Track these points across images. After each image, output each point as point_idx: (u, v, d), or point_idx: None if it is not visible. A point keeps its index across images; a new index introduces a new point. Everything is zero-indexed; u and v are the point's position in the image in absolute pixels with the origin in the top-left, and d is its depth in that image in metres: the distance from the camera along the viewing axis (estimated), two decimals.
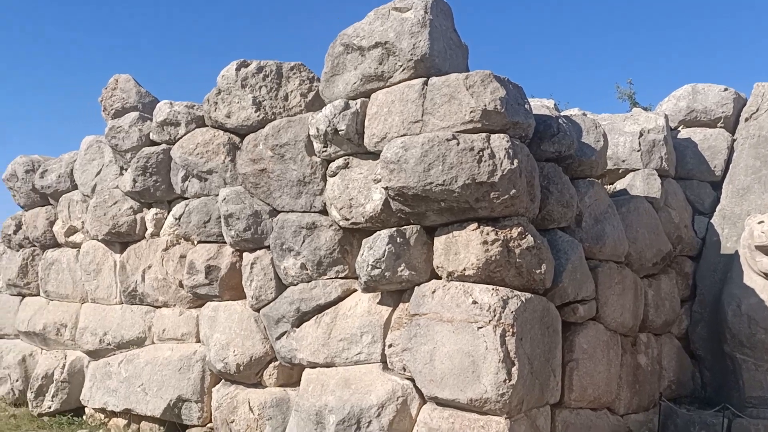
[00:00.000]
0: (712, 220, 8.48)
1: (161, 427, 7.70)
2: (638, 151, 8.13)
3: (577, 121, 7.04)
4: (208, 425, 7.39)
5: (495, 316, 5.43)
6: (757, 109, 8.57)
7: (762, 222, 7.56)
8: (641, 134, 8.18)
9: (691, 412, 7.55)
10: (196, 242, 7.74)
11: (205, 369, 7.47)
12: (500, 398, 5.33)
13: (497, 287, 5.60)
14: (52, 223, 9.61)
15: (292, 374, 6.94)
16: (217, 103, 7.36)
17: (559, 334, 6.13)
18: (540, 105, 7.12)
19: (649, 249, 7.42)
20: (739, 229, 8.02)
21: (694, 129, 8.86)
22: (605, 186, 7.83)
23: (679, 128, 8.97)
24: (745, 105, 8.75)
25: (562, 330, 6.21)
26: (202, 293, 7.48)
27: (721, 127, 8.78)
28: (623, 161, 8.24)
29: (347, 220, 6.22)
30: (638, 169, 8.12)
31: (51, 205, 9.78)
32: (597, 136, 7.05)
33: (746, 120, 8.65)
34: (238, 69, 7.18)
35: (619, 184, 8.16)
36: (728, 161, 8.63)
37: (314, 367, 6.53)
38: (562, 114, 6.89)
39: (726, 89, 8.78)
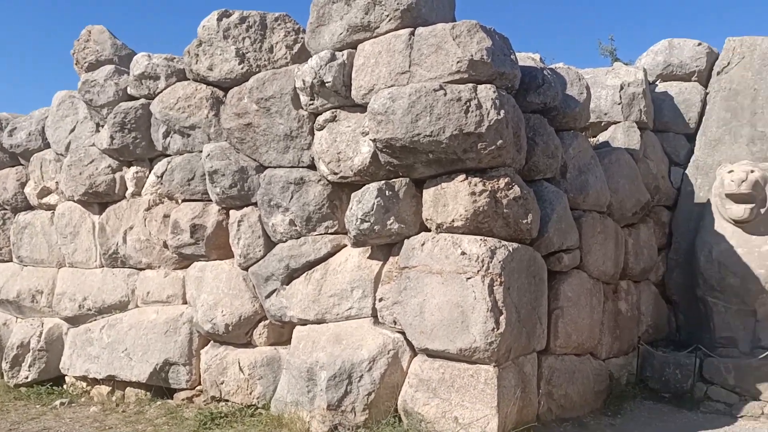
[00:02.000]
0: (686, 171, 8.41)
1: (147, 393, 7.24)
2: (619, 104, 7.97)
3: (562, 74, 6.82)
4: (197, 388, 7.00)
5: (483, 266, 5.29)
6: (728, 63, 8.44)
7: (732, 171, 7.51)
8: (622, 88, 8.01)
9: (667, 353, 7.57)
10: (180, 201, 7.32)
11: (192, 331, 7.02)
12: (489, 347, 5.22)
13: (485, 238, 5.44)
14: (23, 185, 8.89)
15: (282, 332, 6.68)
16: (198, 55, 6.92)
17: (545, 283, 6.02)
18: (526, 57, 6.87)
19: (630, 199, 7.32)
20: (711, 179, 7.96)
21: (671, 83, 8.71)
22: (589, 138, 7.69)
23: (657, 82, 8.82)
24: (718, 59, 8.60)
25: (548, 279, 6.10)
26: (188, 253, 7.13)
27: (695, 81, 8.64)
28: (605, 114, 8.07)
29: (336, 174, 5.96)
30: (619, 122, 7.98)
31: (21, 165, 9.02)
32: (581, 89, 6.86)
33: (718, 74, 8.52)
34: (219, 19, 6.74)
35: (602, 137, 8.02)
36: (702, 114, 8.51)
37: (305, 324, 6.31)
38: (547, 67, 6.66)
39: (700, 44, 8.62)
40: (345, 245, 6.21)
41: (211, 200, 7.00)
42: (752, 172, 7.46)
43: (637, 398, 7.17)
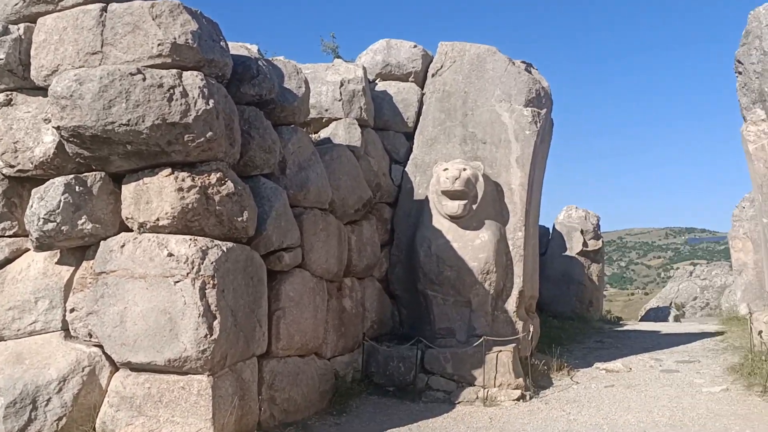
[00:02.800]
0: (406, 169, 9.02)
1: None
2: (340, 100, 8.26)
3: (279, 66, 6.86)
4: None
5: (193, 268, 5.07)
6: (442, 66, 9.24)
7: (446, 169, 8.22)
8: (342, 84, 8.32)
9: (390, 348, 8.02)
10: None
11: None
12: (201, 355, 5.03)
13: (195, 237, 5.23)
14: None
15: None
16: None
17: (265, 284, 5.98)
18: (240, 46, 6.77)
19: (352, 196, 7.61)
20: (429, 177, 8.64)
21: (390, 82, 9.29)
22: (310, 134, 7.83)
23: (377, 81, 9.34)
24: (432, 62, 9.37)
25: (268, 279, 6.08)
26: None
27: (412, 82, 9.32)
28: (326, 110, 8.32)
29: (12, 167, 5.29)
30: (340, 119, 8.28)
31: None
32: (299, 82, 6.95)
33: (433, 75, 9.29)
34: None
35: (323, 133, 8.23)
36: (419, 113, 9.21)
37: None
38: (263, 58, 6.63)
39: (415, 46, 9.32)
40: (27, 249, 5.53)
41: None
42: (464, 170, 8.21)
43: (363, 394, 7.47)
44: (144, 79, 4.98)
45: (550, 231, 16.05)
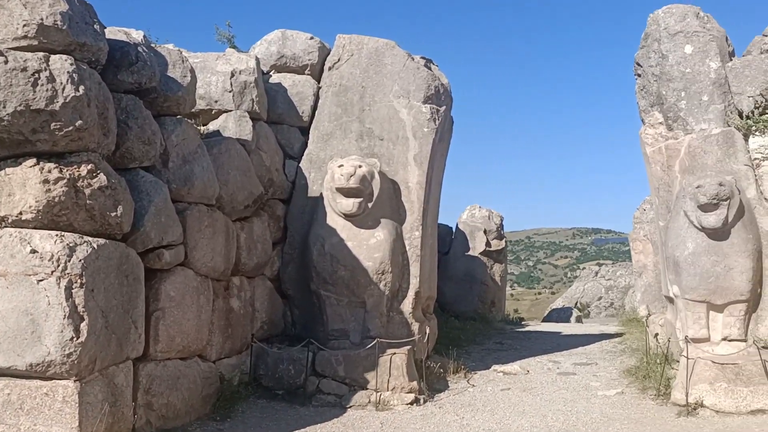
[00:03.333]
0: (300, 164, 8.99)
1: None
2: (230, 92, 8.13)
3: (163, 54, 6.69)
4: None
5: (59, 266, 4.89)
6: (339, 59, 9.25)
7: (342, 166, 8.24)
8: (233, 75, 8.19)
9: (281, 350, 7.98)
10: None
11: None
12: (67, 359, 4.86)
13: (63, 233, 5.04)
14: None
15: None
16: None
17: (142, 283, 5.83)
18: (120, 31, 6.53)
19: (241, 191, 7.51)
20: (324, 173, 8.64)
21: (285, 74, 9.22)
22: (199, 127, 7.67)
23: (271, 72, 9.25)
24: (329, 54, 9.36)
25: (147, 278, 5.93)
26: None
27: (308, 74, 9.28)
28: (216, 102, 8.17)
29: None
30: (231, 111, 8.15)
31: None
32: (184, 71, 6.80)
33: (330, 69, 9.29)
34: None
35: (213, 125, 8.08)
36: (315, 107, 9.19)
37: None
38: (143, 44, 6.42)
39: (312, 38, 9.29)
40: None
41: None
42: (360, 167, 8.24)
43: (251, 398, 7.40)
44: (6, 62, 4.77)
45: (453, 230, 16.34)
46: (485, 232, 16.13)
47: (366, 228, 8.38)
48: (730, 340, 7.49)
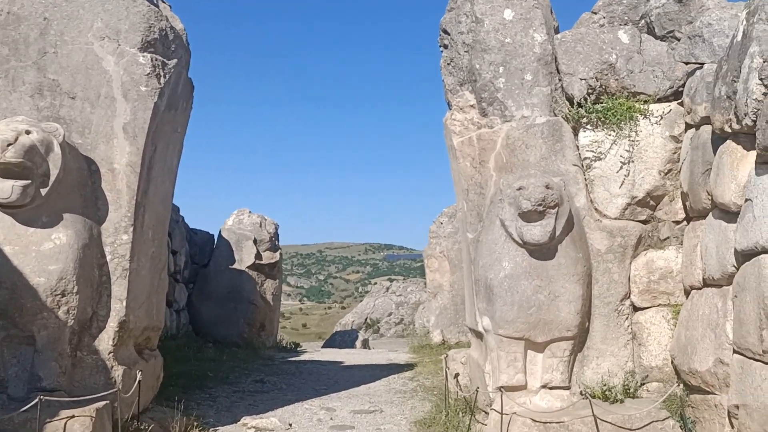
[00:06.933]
0: None
1: None
2: None
3: None
4: None
5: None
6: None
7: None
8: None
9: None
10: None
11: None
12: None
13: None
14: None
15: None
16: None
17: None
18: None
19: None
20: None
21: None
22: None
23: None
24: None
25: None
26: None
27: None
28: None
29: None
30: None
31: None
32: None
33: None
34: None
35: None
36: None
37: None
38: None
39: None
40: None
41: None
42: (28, 132, 5.69)
43: None
44: None
45: (216, 238, 13.97)
46: (255, 242, 13.87)
47: (37, 226, 5.83)
48: (551, 388, 5.86)
